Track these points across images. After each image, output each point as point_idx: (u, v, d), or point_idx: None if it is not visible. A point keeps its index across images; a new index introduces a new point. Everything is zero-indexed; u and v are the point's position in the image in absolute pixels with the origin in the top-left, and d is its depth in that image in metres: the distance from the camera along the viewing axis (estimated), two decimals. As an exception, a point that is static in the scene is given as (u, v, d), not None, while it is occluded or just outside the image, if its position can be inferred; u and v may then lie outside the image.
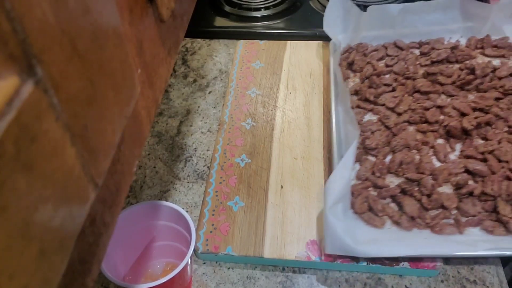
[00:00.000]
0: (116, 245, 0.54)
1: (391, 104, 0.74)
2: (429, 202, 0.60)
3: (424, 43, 0.87)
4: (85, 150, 0.20)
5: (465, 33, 0.88)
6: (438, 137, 0.70)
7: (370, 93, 0.77)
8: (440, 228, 0.58)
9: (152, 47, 0.31)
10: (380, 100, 0.76)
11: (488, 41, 0.84)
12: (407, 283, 0.59)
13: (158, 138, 0.79)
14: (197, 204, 0.69)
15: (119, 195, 0.26)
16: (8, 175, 0.14)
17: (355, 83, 0.82)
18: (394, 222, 0.60)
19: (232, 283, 0.60)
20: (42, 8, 0.16)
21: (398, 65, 0.82)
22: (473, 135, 0.69)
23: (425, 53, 0.84)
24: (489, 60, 0.81)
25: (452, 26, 0.88)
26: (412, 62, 0.82)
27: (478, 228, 0.59)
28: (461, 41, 0.87)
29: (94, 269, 0.24)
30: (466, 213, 0.59)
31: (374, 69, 0.81)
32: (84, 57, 0.19)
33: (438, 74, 0.78)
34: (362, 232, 0.57)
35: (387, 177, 0.66)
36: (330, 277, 0.60)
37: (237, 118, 0.80)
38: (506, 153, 0.63)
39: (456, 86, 0.77)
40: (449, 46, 0.83)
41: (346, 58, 0.86)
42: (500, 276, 0.59)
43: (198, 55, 0.96)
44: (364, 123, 0.73)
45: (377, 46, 0.88)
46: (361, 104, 0.77)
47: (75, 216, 0.19)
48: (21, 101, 0.15)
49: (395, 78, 0.80)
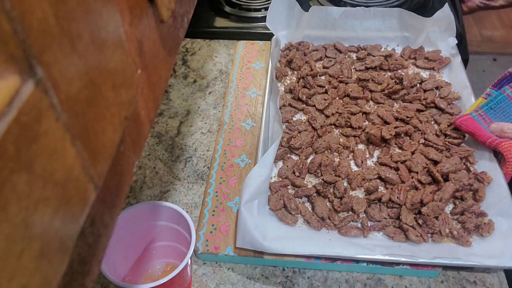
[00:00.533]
0: (116, 246, 0.53)
1: (320, 106, 0.76)
2: (340, 204, 0.63)
3: (362, 49, 0.90)
4: (85, 150, 0.20)
5: (402, 41, 0.90)
6: (359, 143, 0.73)
7: (303, 93, 0.79)
8: (346, 230, 0.60)
9: (152, 47, 0.31)
10: (311, 101, 0.78)
11: (420, 53, 0.87)
12: (407, 283, 0.59)
13: (158, 138, 0.79)
14: (197, 205, 0.69)
15: (119, 195, 0.26)
16: (8, 175, 0.14)
17: (291, 81, 0.84)
18: (305, 221, 0.62)
19: (232, 284, 0.60)
20: (42, 8, 0.16)
21: (334, 67, 0.85)
22: (391, 144, 0.71)
23: (361, 58, 0.87)
24: (419, 72, 0.84)
25: (389, 34, 0.90)
26: (347, 66, 0.84)
27: (382, 233, 0.61)
28: (397, 50, 0.89)
29: (94, 269, 0.24)
30: (372, 218, 0.62)
31: (311, 69, 0.83)
32: (84, 58, 0.19)
33: (370, 81, 0.81)
34: (273, 229, 0.59)
35: (307, 177, 0.68)
36: (330, 277, 0.60)
37: (237, 118, 0.80)
38: (417, 164, 0.66)
39: (384, 94, 0.79)
40: (384, 54, 0.86)
41: (286, 55, 0.87)
42: (500, 277, 0.59)
43: (198, 56, 0.96)
44: (293, 122, 0.75)
45: (318, 46, 0.90)
46: (293, 103, 0.79)
47: (75, 216, 0.19)
48: (21, 101, 0.15)
49: (329, 80, 0.82)
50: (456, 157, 0.66)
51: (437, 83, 0.80)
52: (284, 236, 0.59)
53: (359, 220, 0.62)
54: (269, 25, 0.85)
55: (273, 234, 0.58)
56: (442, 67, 0.84)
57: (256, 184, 0.60)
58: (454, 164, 0.64)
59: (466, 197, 0.62)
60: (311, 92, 0.79)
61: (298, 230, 0.61)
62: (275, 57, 0.84)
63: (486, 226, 0.59)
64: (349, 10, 0.89)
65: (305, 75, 0.81)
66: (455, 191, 0.62)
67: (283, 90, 0.82)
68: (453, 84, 0.80)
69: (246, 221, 0.57)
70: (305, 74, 0.81)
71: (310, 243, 0.57)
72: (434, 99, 0.77)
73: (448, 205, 0.63)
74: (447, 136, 0.71)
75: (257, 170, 0.62)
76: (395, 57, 0.86)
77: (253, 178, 0.61)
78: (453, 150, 0.68)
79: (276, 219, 0.62)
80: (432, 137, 0.70)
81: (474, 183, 0.64)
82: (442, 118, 0.74)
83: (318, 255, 0.57)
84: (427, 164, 0.66)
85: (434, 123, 0.75)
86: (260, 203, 0.61)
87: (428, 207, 0.60)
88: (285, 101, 0.79)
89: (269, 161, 0.63)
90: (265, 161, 0.63)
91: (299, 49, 0.89)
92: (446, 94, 0.77)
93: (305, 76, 0.81)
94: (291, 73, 0.86)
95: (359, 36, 0.90)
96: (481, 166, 0.67)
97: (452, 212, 0.62)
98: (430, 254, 0.56)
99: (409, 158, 0.67)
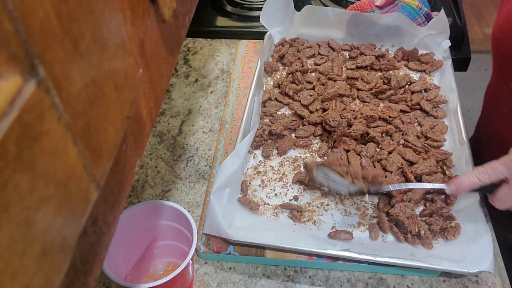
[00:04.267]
0: (118, 245, 0.54)
1: (305, 101, 0.77)
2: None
3: (355, 47, 0.89)
4: (87, 150, 0.20)
5: (396, 42, 0.90)
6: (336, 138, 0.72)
7: (290, 88, 0.80)
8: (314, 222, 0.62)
9: (154, 47, 0.31)
10: (297, 96, 0.79)
11: (413, 55, 0.86)
12: (409, 283, 0.59)
13: (160, 137, 0.79)
14: (199, 204, 0.69)
15: (121, 194, 0.27)
16: (10, 175, 0.14)
17: (281, 76, 0.85)
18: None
19: (234, 283, 0.60)
20: (44, 8, 0.16)
21: (325, 65, 0.85)
22: (372, 141, 0.71)
23: (353, 57, 0.87)
24: (409, 73, 0.84)
25: (384, 35, 0.89)
26: (338, 64, 0.84)
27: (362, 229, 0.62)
28: (391, 50, 0.89)
29: (96, 268, 0.24)
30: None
31: (301, 66, 0.83)
32: (86, 57, 0.19)
33: (359, 79, 0.81)
34: (241, 218, 0.61)
35: (286, 165, 0.70)
36: (331, 277, 0.60)
37: (238, 117, 0.80)
38: (392, 164, 0.66)
39: (371, 93, 0.80)
40: (376, 54, 0.86)
41: (279, 51, 0.88)
42: (502, 276, 0.59)
43: (199, 55, 0.96)
44: (276, 116, 0.76)
45: (312, 43, 0.91)
46: (279, 97, 0.79)
47: (77, 215, 0.19)
48: (23, 100, 0.15)
49: (318, 77, 0.82)
50: (432, 160, 0.66)
51: (426, 85, 0.80)
52: (250, 226, 0.60)
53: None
54: (263, 21, 0.86)
55: (239, 223, 0.60)
56: (434, 70, 0.84)
57: (228, 173, 0.62)
58: (429, 166, 0.65)
59: (437, 200, 0.63)
60: (298, 87, 0.80)
61: (266, 221, 0.62)
62: (266, 52, 0.85)
63: (452, 230, 0.59)
64: (344, 13, 0.88)
65: (294, 71, 0.82)
66: (426, 193, 0.63)
67: (272, 85, 0.83)
68: (442, 88, 0.80)
69: (214, 208, 0.59)
70: (295, 69, 0.82)
71: (274, 234, 0.58)
72: (419, 101, 0.76)
73: (419, 206, 0.64)
74: (428, 138, 0.71)
75: (230, 160, 0.64)
76: (387, 57, 0.86)
77: (226, 167, 0.63)
78: (431, 153, 0.68)
79: (245, 209, 0.64)
80: (412, 138, 0.70)
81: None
82: (426, 120, 0.74)
83: (277, 246, 0.58)
84: (402, 164, 0.66)
85: (417, 125, 0.75)
86: (231, 192, 0.63)
87: (395, 208, 0.60)
88: (271, 95, 0.80)
89: (242, 151, 0.65)
90: (238, 152, 0.65)
91: (293, 45, 0.90)
92: (433, 97, 0.77)
93: (294, 72, 0.82)
94: (282, 68, 0.87)
95: (353, 35, 0.90)
96: (458, 170, 0.66)
97: (421, 213, 0.62)
98: (390, 253, 0.56)
99: (385, 158, 0.67)
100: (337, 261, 0.59)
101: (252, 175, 0.68)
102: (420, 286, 0.58)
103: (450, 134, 0.72)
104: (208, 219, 0.59)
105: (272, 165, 0.70)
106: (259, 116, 0.72)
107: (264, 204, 0.65)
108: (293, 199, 0.65)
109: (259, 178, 0.68)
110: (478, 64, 2.09)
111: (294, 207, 0.63)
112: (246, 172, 0.69)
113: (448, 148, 0.70)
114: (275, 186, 0.67)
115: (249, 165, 0.70)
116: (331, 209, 0.64)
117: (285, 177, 0.68)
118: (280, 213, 0.64)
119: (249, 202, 0.63)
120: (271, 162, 0.71)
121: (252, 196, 0.66)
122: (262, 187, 0.67)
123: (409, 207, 0.61)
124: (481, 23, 2.34)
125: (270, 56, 0.88)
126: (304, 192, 0.66)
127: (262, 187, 0.67)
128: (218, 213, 0.58)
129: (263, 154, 0.71)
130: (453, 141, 0.71)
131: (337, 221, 0.62)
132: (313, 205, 0.64)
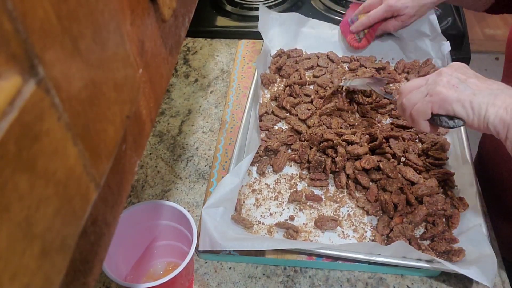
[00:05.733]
0: (117, 245, 0.54)
1: (303, 115, 0.75)
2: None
3: (355, 59, 0.87)
4: (87, 149, 0.20)
5: (396, 55, 0.88)
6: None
7: (288, 101, 0.77)
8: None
9: (154, 46, 0.31)
10: (295, 110, 0.76)
11: (413, 67, 0.85)
12: (408, 283, 0.59)
13: (160, 137, 0.79)
14: (199, 204, 0.69)
15: (120, 194, 0.27)
16: (10, 175, 0.14)
17: (279, 88, 0.82)
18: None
19: (234, 283, 0.60)
20: (44, 8, 0.16)
21: (323, 77, 0.83)
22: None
23: (353, 69, 0.85)
24: None
25: (384, 47, 0.88)
26: (337, 76, 0.82)
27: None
28: (392, 63, 0.88)
29: (96, 268, 0.24)
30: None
31: (299, 78, 0.81)
32: (86, 57, 0.19)
33: (358, 93, 0.79)
34: (233, 233, 0.60)
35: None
36: (331, 276, 0.60)
37: (238, 117, 0.80)
38: (392, 184, 0.64)
39: (371, 108, 0.77)
40: (377, 66, 0.84)
41: (276, 62, 0.86)
42: (502, 276, 0.59)
43: (199, 55, 0.96)
44: (273, 131, 0.74)
45: (311, 55, 0.89)
46: (276, 111, 0.77)
47: (76, 215, 0.19)
48: (23, 100, 0.15)
49: (316, 90, 0.80)
50: (433, 180, 0.64)
51: None
52: (242, 238, 0.58)
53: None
54: (260, 30, 0.85)
55: (233, 236, 0.58)
56: None
57: (224, 191, 0.60)
58: (430, 187, 0.62)
59: (438, 223, 0.60)
60: (295, 101, 0.77)
61: (260, 238, 0.61)
62: (262, 63, 0.83)
63: (456, 252, 0.56)
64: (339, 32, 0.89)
65: (292, 83, 0.79)
66: (427, 215, 0.61)
67: (269, 97, 0.81)
68: None
69: (206, 223, 0.57)
70: (293, 82, 0.79)
71: (267, 241, 0.57)
72: None
73: (419, 228, 0.62)
74: (429, 156, 0.68)
75: (229, 178, 0.62)
76: (388, 70, 0.84)
77: (224, 186, 0.61)
78: (432, 172, 0.65)
79: (238, 226, 0.62)
80: (413, 156, 0.67)
81: (448, 209, 0.62)
82: (427, 137, 0.72)
83: (276, 248, 0.57)
84: (402, 184, 0.64)
85: (418, 141, 0.72)
86: (225, 211, 0.61)
87: (394, 231, 0.59)
88: (268, 109, 0.77)
89: (242, 171, 0.63)
90: (238, 171, 0.62)
91: (290, 56, 0.87)
92: None
93: (292, 84, 0.79)
94: (280, 80, 0.84)
95: (353, 48, 0.89)
96: (461, 190, 0.64)
97: (421, 236, 0.60)
98: (389, 252, 0.56)
99: (383, 178, 0.65)
100: (337, 261, 0.59)
101: (246, 193, 0.66)
102: (420, 286, 0.58)
103: (452, 152, 0.70)
104: (202, 235, 0.58)
105: (268, 183, 0.68)
106: (258, 133, 0.70)
107: (259, 223, 0.63)
108: (289, 219, 0.63)
109: (254, 197, 0.66)
110: (478, 65, 2.09)
111: (290, 226, 0.61)
112: (240, 190, 0.66)
113: (450, 167, 0.68)
114: (270, 205, 0.65)
115: (244, 183, 0.67)
116: (328, 231, 0.62)
117: (281, 196, 0.66)
118: (275, 232, 0.62)
119: (242, 220, 0.62)
120: (267, 180, 0.68)
121: (246, 215, 0.64)
122: (256, 206, 0.65)
123: (409, 229, 0.59)
124: (481, 23, 2.34)
125: (267, 67, 0.86)
126: (300, 212, 0.64)
127: (256, 206, 0.65)
128: (210, 227, 0.57)
129: (258, 171, 0.69)
130: (455, 160, 0.68)
131: (335, 243, 0.60)
132: (309, 226, 0.62)
